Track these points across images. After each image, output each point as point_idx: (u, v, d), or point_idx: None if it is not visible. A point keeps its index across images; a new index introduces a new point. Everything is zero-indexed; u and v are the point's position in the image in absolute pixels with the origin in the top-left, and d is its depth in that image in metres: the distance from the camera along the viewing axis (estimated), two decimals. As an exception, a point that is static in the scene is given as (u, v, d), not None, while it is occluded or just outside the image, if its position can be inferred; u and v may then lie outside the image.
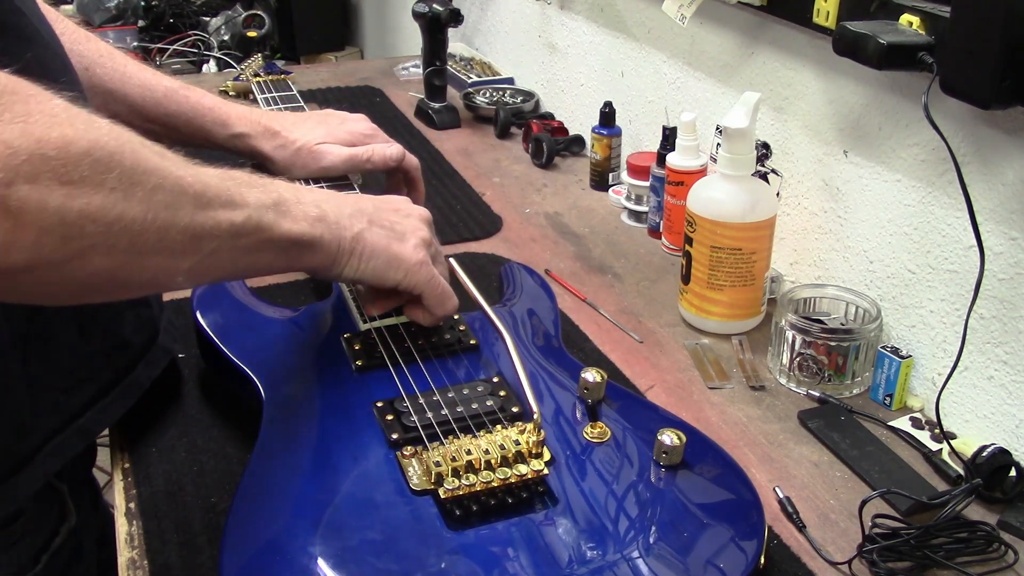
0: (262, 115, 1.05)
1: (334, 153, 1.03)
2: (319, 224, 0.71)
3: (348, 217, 0.74)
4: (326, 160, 1.02)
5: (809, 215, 1.07)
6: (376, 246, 0.75)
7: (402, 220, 0.79)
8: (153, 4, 2.87)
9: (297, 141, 1.03)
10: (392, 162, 1.04)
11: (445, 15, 1.52)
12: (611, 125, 1.34)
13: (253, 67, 1.41)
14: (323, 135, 1.04)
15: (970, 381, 0.87)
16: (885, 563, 0.70)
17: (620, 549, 0.63)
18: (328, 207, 0.73)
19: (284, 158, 1.03)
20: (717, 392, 0.92)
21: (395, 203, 0.82)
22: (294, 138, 1.03)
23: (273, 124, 1.04)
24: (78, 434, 0.74)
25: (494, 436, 0.70)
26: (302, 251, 0.70)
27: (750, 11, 1.08)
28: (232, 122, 1.02)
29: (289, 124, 1.05)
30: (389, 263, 0.76)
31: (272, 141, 1.03)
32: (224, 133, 1.02)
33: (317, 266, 0.73)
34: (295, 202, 0.70)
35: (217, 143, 1.03)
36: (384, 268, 0.76)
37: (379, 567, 0.61)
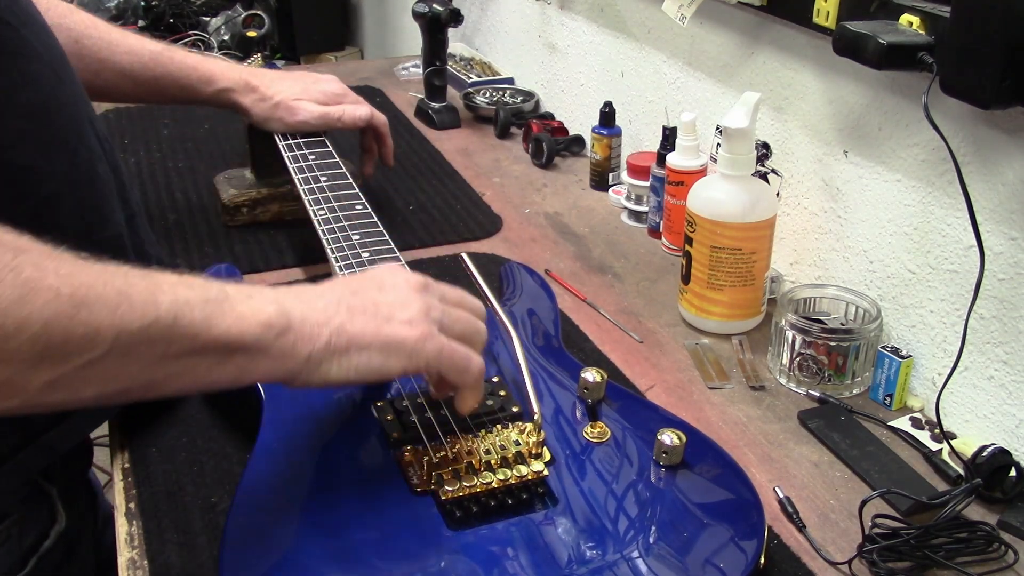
0: (243, 71, 1.13)
1: (308, 109, 1.12)
2: (274, 324, 0.60)
3: (321, 311, 0.63)
4: (301, 115, 1.12)
5: (809, 215, 1.07)
6: (363, 336, 0.64)
7: (388, 296, 0.67)
8: (153, 4, 2.87)
9: (275, 96, 1.11)
10: (361, 122, 1.15)
11: (445, 15, 1.52)
12: (611, 125, 1.34)
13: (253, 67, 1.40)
14: (299, 92, 1.13)
15: (970, 381, 0.87)
16: (885, 563, 0.70)
17: (620, 549, 0.63)
18: (291, 302, 0.62)
19: (263, 111, 1.11)
20: (717, 392, 0.92)
21: (377, 277, 0.70)
22: (271, 93, 1.11)
23: (252, 79, 1.12)
24: (41, 451, 0.73)
25: (494, 436, 0.70)
26: (254, 358, 0.59)
27: (750, 11, 1.08)
28: (216, 78, 1.10)
29: (267, 80, 1.13)
30: (385, 351, 0.64)
31: (252, 95, 1.11)
32: (209, 89, 1.10)
33: (285, 375, 0.62)
34: (243, 298, 0.60)
35: (203, 99, 1.11)
36: (383, 358, 0.64)
37: (379, 567, 0.61)
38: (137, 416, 0.85)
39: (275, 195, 1.21)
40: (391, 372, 0.65)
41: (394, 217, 1.24)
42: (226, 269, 0.95)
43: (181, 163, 1.39)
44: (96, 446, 0.93)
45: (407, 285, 0.68)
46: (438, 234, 1.21)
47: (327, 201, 1.00)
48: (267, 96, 1.11)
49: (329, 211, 0.98)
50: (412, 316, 0.66)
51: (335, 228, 0.95)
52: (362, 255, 0.91)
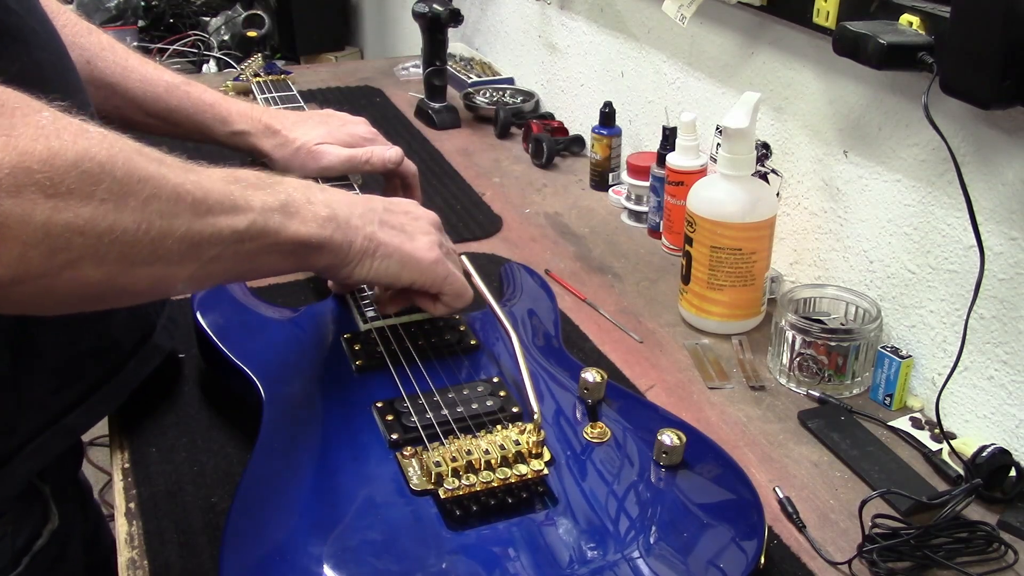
0: (263, 113, 1.05)
1: (333, 154, 1.03)
2: (329, 224, 0.70)
3: (359, 217, 0.74)
4: (325, 160, 1.03)
5: (809, 215, 1.07)
6: (389, 245, 0.75)
7: (412, 222, 0.79)
8: (153, 4, 2.87)
9: (296, 140, 1.03)
10: (391, 164, 1.04)
11: (445, 15, 1.52)
12: (611, 125, 1.34)
13: (253, 67, 1.40)
14: (323, 135, 1.04)
15: (970, 381, 0.87)
16: (885, 563, 0.70)
17: (620, 549, 0.63)
18: (339, 207, 0.72)
19: (283, 157, 1.04)
20: (717, 392, 0.92)
21: (404, 205, 0.81)
22: (293, 137, 1.04)
23: (273, 122, 1.04)
24: (62, 433, 0.74)
25: (494, 436, 0.70)
26: (310, 252, 0.70)
27: (750, 11, 1.08)
28: (233, 119, 1.03)
29: (289, 123, 1.05)
30: (404, 262, 0.76)
31: (272, 139, 1.04)
32: (224, 130, 1.03)
33: (327, 266, 0.73)
34: (304, 203, 0.69)
35: (217, 139, 1.04)
36: (399, 268, 0.76)
37: (379, 567, 0.61)
38: (137, 416, 0.85)
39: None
40: (402, 281, 0.77)
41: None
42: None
43: (181, 163, 1.39)
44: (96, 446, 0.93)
45: (427, 219, 0.81)
46: (438, 234, 1.21)
47: (327, 201, 1.00)
48: (288, 140, 1.04)
49: (329, 211, 0.98)
50: (430, 242, 0.78)
51: None
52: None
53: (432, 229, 0.80)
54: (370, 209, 0.76)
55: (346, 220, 0.72)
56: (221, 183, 0.63)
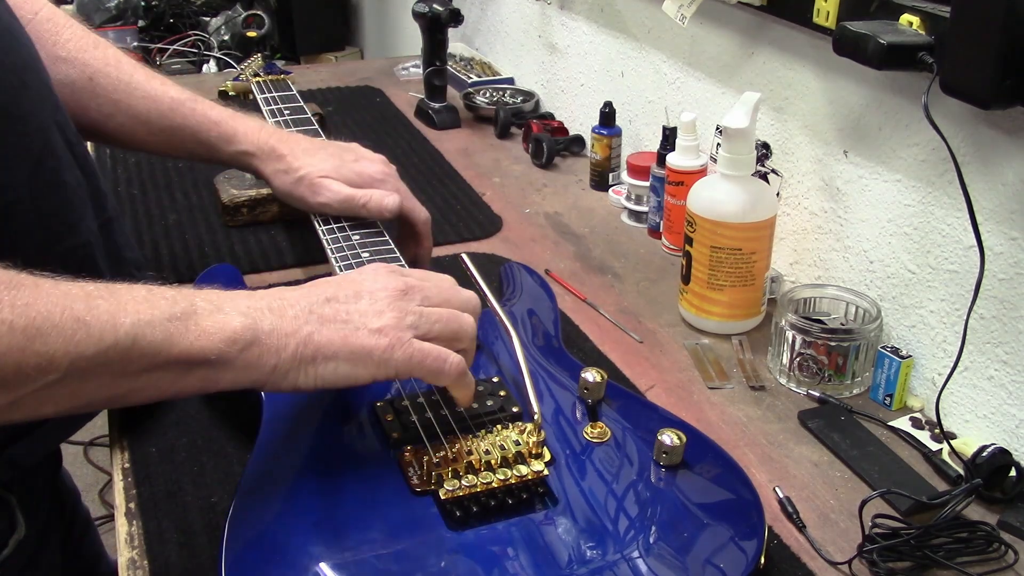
0: (272, 134, 1.00)
1: (332, 190, 0.96)
2: (241, 337, 0.61)
3: (293, 319, 0.64)
4: (323, 196, 0.96)
5: (809, 215, 1.07)
6: (331, 346, 0.64)
7: (362, 304, 0.67)
8: (153, 4, 2.87)
9: (301, 170, 0.97)
10: (387, 212, 0.96)
11: (445, 15, 1.52)
12: (611, 125, 1.34)
13: (253, 67, 1.40)
14: (330, 169, 0.97)
15: (970, 381, 0.87)
16: (885, 563, 0.70)
17: (620, 549, 0.63)
18: (263, 315, 0.63)
19: (283, 185, 0.98)
20: (717, 392, 0.92)
21: (356, 284, 0.69)
22: (298, 165, 0.97)
23: (281, 146, 0.99)
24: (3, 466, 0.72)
25: (494, 436, 0.70)
26: (217, 371, 0.61)
27: (750, 11, 1.08)
28: (238, 139, 0.98)
29: (299, 150, 0.99)
30: (354, 359, 0.65)
31: (275, 164, 0.98)
32: (229, 149, 0.98)
33: (251, 384, 0.63)
34: (211, 312, 0.61)
35: (221, 159, 1.00)
36: (350, 367, 0.65)
37: (379, 567, 0.61)
38: (137, 416, 0.85)
39: (275, 195, 1.21)
40: (360, 380, 0.66)
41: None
42: (226, 269, 0.95)
43: (181, 163, 1.39)
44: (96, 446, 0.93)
45: (385, 291, 0.68)
46: (438, 234, 1.21)
47: (327, 201, 1.00)
48: (292, 168, 0.97)
49: (329, 211, 0.98)
50: (383, 324, 0.66)
51: (335, 228, 0.95)
52: (362, 255, 0.91)
53: (388, 303, 0.68)
54: (305, 308, 0.65)
55: (271, 329, 0.63)
56: (88, 296, 0.56)
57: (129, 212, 1.24)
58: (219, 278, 0.93)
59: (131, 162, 1.40)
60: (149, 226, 1.20)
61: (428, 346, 0.67)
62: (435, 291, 0.71)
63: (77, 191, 0.76)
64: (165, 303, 0.59)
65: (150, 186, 1.32)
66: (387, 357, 0.65)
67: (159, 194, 1.30)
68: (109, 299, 0.57)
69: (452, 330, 0.69)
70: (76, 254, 0.75)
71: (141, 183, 1.33)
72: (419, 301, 0.69)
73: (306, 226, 1.00)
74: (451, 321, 0.69)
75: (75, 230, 0.75)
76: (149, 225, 1.21)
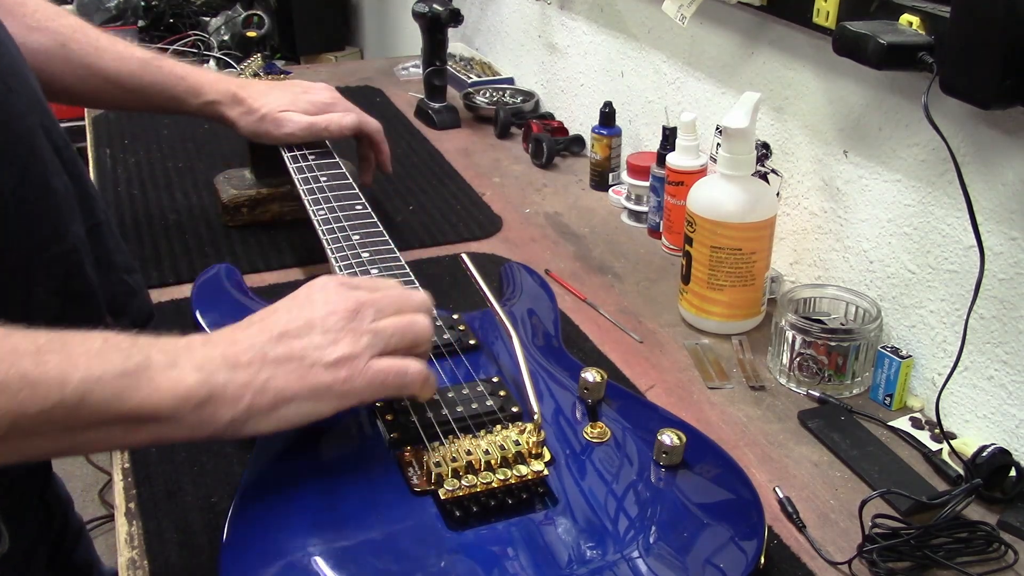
0: (231, 82, 1.10)
1: (295, 121, 1.09)
2: (192, 396, 0.60)
3: (245, 367, 0.62)
4: (287, 127, 1.08)
5: (809, 215, 1.07)
6: (288, 389, 0.63)
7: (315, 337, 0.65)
8: (153, 4, 2.87)
9: (261, 108, 1.08)
10: (347, 130, 1.11)
11: (445, 15, 1.52)
12: (611, 125, 1.34)
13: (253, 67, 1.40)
14: (287, 103, 1.10)
15: (970, 381, 0.87)
16: (885, 563, 0.70)
17: (620, 549, 0.63)
18: (216, 364, 0.61)
19: (249, 124, 1.09)
20: (717, 392, 0.92)
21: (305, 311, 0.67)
22: (258, 105, 1.08)
23: (240, 91, 1.09)
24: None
25: (494, 436, 0.70)
26: (170, 426, 0.60)
27: (750, 11, 1.08)
28: (204, 90, 1.07)
29: (255, 92, 1.10)
30: (314, 398, 0.64)
31: (238, 108, 1.08)
32: (196, 101, 1.08)
33: (208, 438, 0.62)
34: (165, 366, 0.59)
35: (190, 111, 1.09)
36: (312, 406, 0.64)
37: (379, 567, 0.61)
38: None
39: (275, 195, 1.21)
40: (323, 415, 0.65)
41: (394, 217, 1.24)
42: (226, 269, 0.95)
43: (181, 163, 1.39)
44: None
45: (335, 316, 0.66)
46: (438, 234, 1.21)
47: (327, 201, 1.00)
48: (253, 109, 1.08)
49: (329, 211, 0.98)
50: (339, 356, 0.65)
51: (335, 228, 0.95)
52: (362, 255, 0.91)
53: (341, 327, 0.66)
54: (259, 354, 0.63)
55: (225, 382, 0.61)
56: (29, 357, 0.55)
57: (129, 212, 1.24)
58: (219, 278, 0.93)
59: (131, 162, 1.40)
60: (149, 226, 1.20)
61: (386, 364, 0.66)
62: (387, 301, 0.69)
63: (64, 196, 0.75)
64: (119, 356, 0.58)
65: (150, 186, 1.32)
66: (347, 389, 0.65)
67: (159, 194, 1.30)
68: (60, 352, 0.56)
69: (409, 339, 0.68)
70: (64, 261, 0.74)
71: (141, 183, 1.33)
72: (372, 317, 0.67)
73: (306, 226, 1.00)
74: (407, 331, 0.68)
75: (63, 236, 0.75)
76: (149, 225, 1.21)
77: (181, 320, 0.98)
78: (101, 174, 1.36)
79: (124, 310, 0.81)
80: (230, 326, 0.67)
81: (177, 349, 0.61)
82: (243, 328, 0.66)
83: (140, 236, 1.18)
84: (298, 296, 0.69)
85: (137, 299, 0.84)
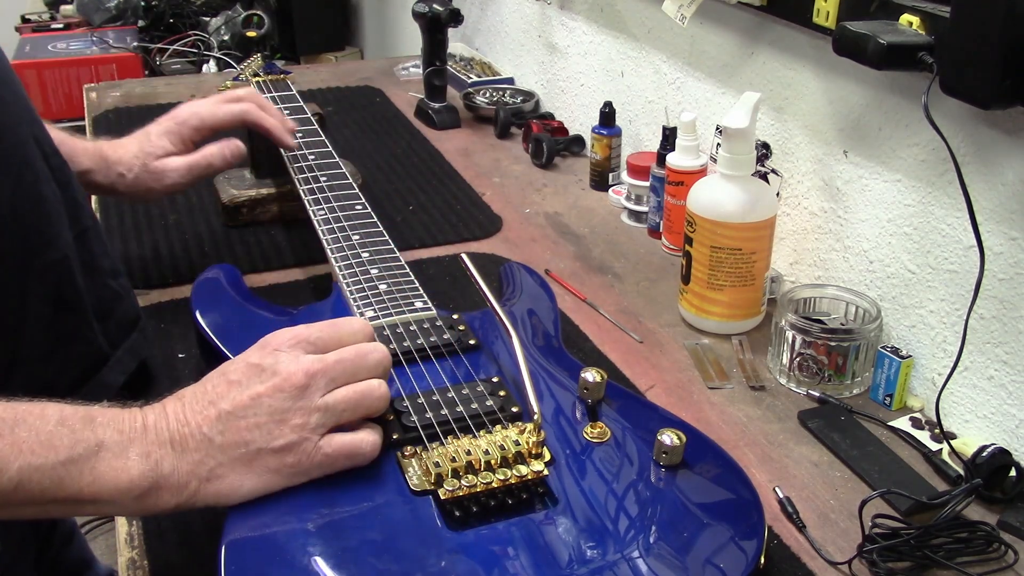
0: (101, 145, 0.98)
1: (172, 167, 0.98)
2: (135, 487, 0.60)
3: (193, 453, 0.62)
4: (168, 180, 0.98)
5: (809, 215, 1.07)
6: (234, 475, 0.63)
7: (264, 416, 0.64)
8: (153, 4, 2.87)
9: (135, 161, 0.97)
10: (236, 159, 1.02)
11: (445, 15, 1.52)
12: (611, 125, 1.34)
13: (253, 67, 1.40)
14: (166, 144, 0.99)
15: (970, 381, 0.87)
16: (885, 563, 0.70)
17: (620, 549, 0.63)
18: (165, 452, 0.61)
19: (127, 187, 0.98)
20: (717, 392, 0.92)
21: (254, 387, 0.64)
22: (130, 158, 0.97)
23: (106, 151, 0.98)
24: None
25: (494, 436, 0.70)
26: (114, 508, 0.61)
27: (750, 11, 1.08)
28: (78, 158, 0.95)
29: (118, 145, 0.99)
30: (264, 481, 0.64)
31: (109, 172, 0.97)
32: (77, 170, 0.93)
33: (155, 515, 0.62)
34: (114, 454, 0.59)
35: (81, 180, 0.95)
36: (263, 486, 0.64)
37: (379, 567, 0.61)
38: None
39: (275, 195, 1.21)
40: (273, 490, 0.64)
41: (394, 217, 1.24)
42: (226, 269, 0.95)
43: (181, 163, 1.39)
44: None
45: (283, 393, 0.64)
46: (438, 234, 1.21)
47: (327, 201, 1.00)
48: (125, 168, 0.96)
49: (329, 211, 0.98)
50: (286, 442, 0.64)
51: (335, 228, 0.95)
52: (362, 255, 0.91)
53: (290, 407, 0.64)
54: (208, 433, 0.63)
55: (171, 471, 0.61)
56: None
57: (129, 212, 1.24)
58: (219, 278, 0.93)
59: (131, 162, 1.40)
60: (149, 226, 1.20)
61: (337, 446, 0.65)
62: (340, 369, 0.66)
63: (54, 204, 0.75)
64: (67, 440, 0.58)
65: (150, 186, 1.32)
66: (297, 471, 0.64)
67: (159, 194, 1.30)
68: (7, 437, 0.57)
69: (362, 412, 0.67)
70: (55, 268, 0.74)
71: (141, 183, 1.33)
72: (324, 388, 0.65)
73: (306, 226, 1.00)
74: (360, 404, 0.67)
75: (53, 244, 0.74)
76: (149, 225, 1.21)
77: (181, 320, 0.98)
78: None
79: (110, 315, 0.80)
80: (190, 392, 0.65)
81: (134, 429, 0.61)
82: (196, 400, 0.65)
83: (140, 236, 1.18)
84: (249, 360, 0.66)
85: (123, 303, 0.83)
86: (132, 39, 2.63)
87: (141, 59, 2.54)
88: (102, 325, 0.79)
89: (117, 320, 0.82)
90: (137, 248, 1.15)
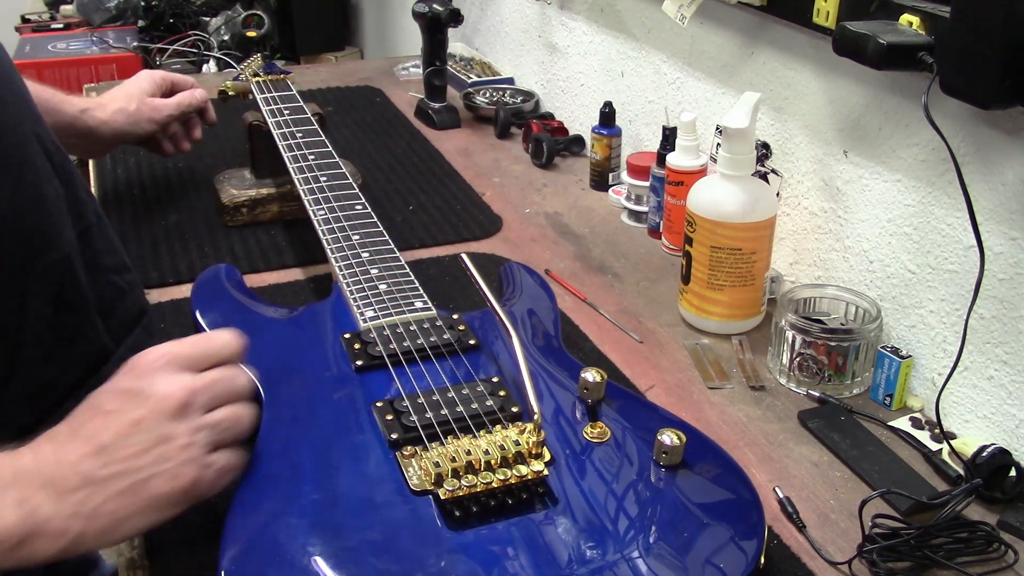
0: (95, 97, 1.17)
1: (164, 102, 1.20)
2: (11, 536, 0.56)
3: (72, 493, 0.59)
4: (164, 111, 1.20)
5: (809, 215, 1.07)
6: (123, 510, 0.60)
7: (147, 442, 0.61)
8: (153, 4, 2.87)
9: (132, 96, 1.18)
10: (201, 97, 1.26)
11: (445, 15, 1.52)
12: (611, 125, 1.34)
13: (253, 67, 1.40)
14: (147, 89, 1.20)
15: (970, 381, 0.87)
16: (885, 563, 0.70)
17: (620, 549, 0.63)
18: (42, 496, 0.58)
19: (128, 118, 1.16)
20: (717, 392, 0.92)
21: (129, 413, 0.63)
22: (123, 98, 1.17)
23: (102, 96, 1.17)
24: None
25: (494, 436, 0.70)
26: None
27: (750, 11, 1.08)
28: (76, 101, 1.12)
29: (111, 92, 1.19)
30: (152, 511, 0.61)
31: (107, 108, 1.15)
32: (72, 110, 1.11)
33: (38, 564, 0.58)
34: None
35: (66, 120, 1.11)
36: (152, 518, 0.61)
37: (379, 567, 0.61)
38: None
39: (275, 195, 1.21)
40: (165, 520, 0.62)
41: (394, 217, 1.24)
42: (226, 269, 0.95)
43: (181, 163, 1.39)
44: None
45: (164, 414, 0.62)
46: (438, 234, 1.21)
47: (327, 201, 1.00)
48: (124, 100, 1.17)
49: (329, 211, 0.98)
50: (171, 468, 0.62)
51: (335, 228, 0.95)
52: (362, 255, 0.91)
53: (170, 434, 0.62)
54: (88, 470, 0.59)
55: (49, 517, 0.58)
56: None
57: (129, 212, 1.24)
58: (219, 278, 0.93)
59: (131, 162, 1.40)
60: (149, 226, 1.20)
61: (225, 459, 0.65)
62: (221, 388, 0.66)
63: (56, 203, 0.75)
64: None
65: (150, 186, 1.32)
66: (193, 493, 0.63)
67: (159, 194, 1.30)
68: None
69: (234, 435, 0.67)
70: (57, 268, 0.74)
71: (141, 183, 1.33)
72: (205, 404, 0.64)
73: (306, 226, 1.00)
74: (235, 425, 0.67)
75: (55, 243, 0.74)
76: (149, 225, 1.21)
77: (181, 320, 0.98)
78: (101, 174, 1.36)
79: (112, 312, 0.80)
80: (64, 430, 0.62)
81: (14, 475, 0.58)
82: (71, 438, 0.61)
83: (140, 236, 1.18)
84: (120, 386, 0.64)
85: (127, 299, 0.83)
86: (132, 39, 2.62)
87: (141, 59, 2.54)
88: (105, 322, 0.79)
89: (121, 316, 0.82)
90: (137, 248, 1.15)
